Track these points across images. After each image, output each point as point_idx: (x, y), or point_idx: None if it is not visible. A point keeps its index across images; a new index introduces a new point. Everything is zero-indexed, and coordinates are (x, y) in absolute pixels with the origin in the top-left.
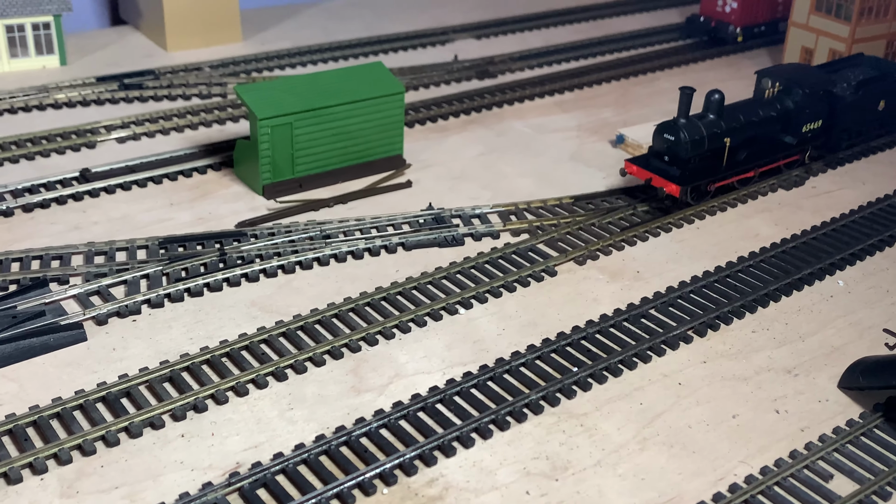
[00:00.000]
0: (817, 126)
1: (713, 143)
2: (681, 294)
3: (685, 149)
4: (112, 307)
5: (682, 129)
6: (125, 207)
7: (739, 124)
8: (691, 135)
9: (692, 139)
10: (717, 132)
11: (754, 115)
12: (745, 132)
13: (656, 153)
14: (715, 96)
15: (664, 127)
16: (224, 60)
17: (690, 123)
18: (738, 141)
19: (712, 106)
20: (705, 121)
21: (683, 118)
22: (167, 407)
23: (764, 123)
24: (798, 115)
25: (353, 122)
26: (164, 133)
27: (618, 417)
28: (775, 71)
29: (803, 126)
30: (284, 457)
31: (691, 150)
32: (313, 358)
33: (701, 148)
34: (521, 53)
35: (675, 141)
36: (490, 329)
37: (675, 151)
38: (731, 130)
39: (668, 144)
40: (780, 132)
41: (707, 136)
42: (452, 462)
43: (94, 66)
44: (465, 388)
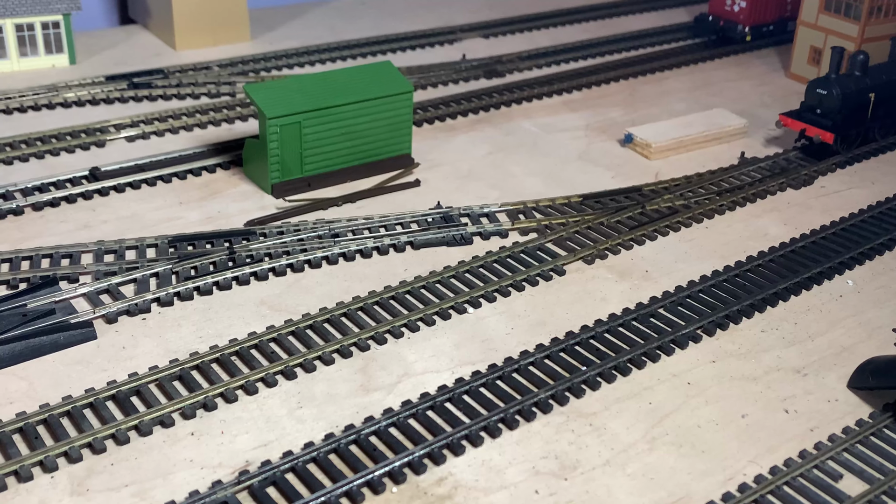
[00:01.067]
0: None
1: (860, 97)
2: (689, 293)
3: (836, 101)
4: (122, 305)
5: (833, 83)
6: (135, 206)
7: (881, 82)
8: (842, 88)
9: (843, 92)
10: (864, 87)
11: (892, 76)
12: (887, 90)
13: (809, 107)
14: (860, 56)
15: (817, 83)
16: (233, 59)
17: (840, 79)
18: (882, 96)
19: (858, 65)
20: (853, 77)
21: (834, 74)
22: (177, 405)
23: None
24: None
25: (362, 122)
26: (173, 132)
27: (627, 417)
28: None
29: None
30: (294, 455)
31: (843, 103)
32: (322, 357)
33: (850, 101)
34: (528, 53)
35: (828, 94)
36: (499, 328)
37: (826, 104)
38: (875, 86)
39: (821, 98)
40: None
41: (855, 90)
42: (461, 461)
43: (103, 65)
44: (474, 387)
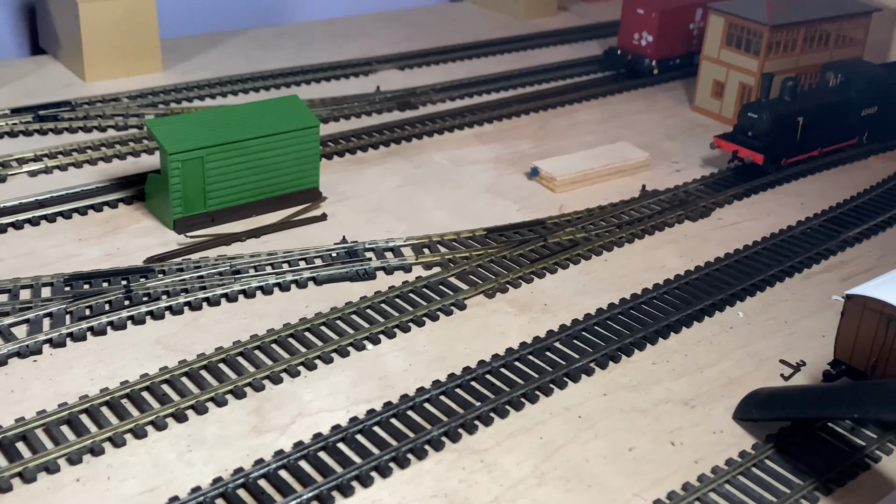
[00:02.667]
0: (873, 112)
1: (789, 120)
2: (585, 326)
3: (766, 124)
4: (12, 347)
5: (764, 108)
6: (32, 243)
7: (810, 106)
8: (772, 112)
9: (773, 117)
10: (792, 111)
11: (823, 100)
12: (814, 113)
13: (741, 129)
14: (789, 83)
15: (749, 107)
16: (143, 91)
17: (771, 103)
18: (809, 120)
19: (787, 90)
20: (783, 102)
21: (765, 99)
22: (63, 451)
23: (830, 107)
24: (857, 101)
25: (268, 156)
26: (77, 166)
27: (518, 452)
28: (838, 65)
29: (862, 111)
30: (180, 500)
31: (771, 126)
32: (215, 398)
33: (779, 124)
34: (443, 85)
35: (758, 118)
36: (397, 364)
37: (757, 127)
38: (803, 111)
39: (752, 121)
40: (843, 115)
41: (784, 114)
42: (350, 502)
43: (10, 96)
44: (368, 426)
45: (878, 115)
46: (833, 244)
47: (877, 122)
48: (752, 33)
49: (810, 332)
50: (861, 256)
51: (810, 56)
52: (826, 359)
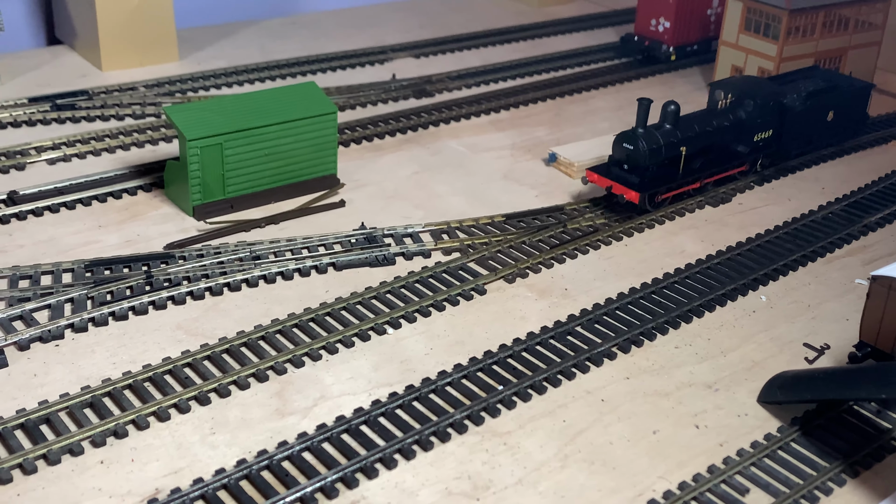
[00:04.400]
0: (768, 135)
1: (670, 151)
2: (606, 311)
3: (643, 157)
4: (34, 332)
5: (640, 138)
6: (52, 230)
7: (694, 133)
8: (649, 144)
9: (650, 148)
10: (674, 141)
11: (708, 125)
12: (699, 141)
13: (616, 162)
14: (671, 107)
15: (623, 137)
16: (159, 80)
17: (648, 133)
18: (694, 150)
19: (668, 116)
20: (662, 130)
21: (641, 128)
22: (87, 433)
23: (717, 133)
24: (750, 124)
25: (286, 143)
26: (95, 154)
27: (540, 435)
28: (727, 83)
29: (755, 135)
30: (204, 482)
31: (649, 159)
32: (237, 381)
33: (658, 156)
34: (458, 73)
35: (634, 150)
36: (418, 349)
37: (634, 160)
38: (686, 139)
39: (628, 153)
40: (732, 141)
41: (664, 144)
42: (374, 484)
43: (27, 86)
44: (391, 409)
45: (773, 138)
46: (854, 228)
47: (772, 146)
48: (771, 18)
49: (833, 316)
50: (882, 240)
51: (830, 41)
52: (850, 342)
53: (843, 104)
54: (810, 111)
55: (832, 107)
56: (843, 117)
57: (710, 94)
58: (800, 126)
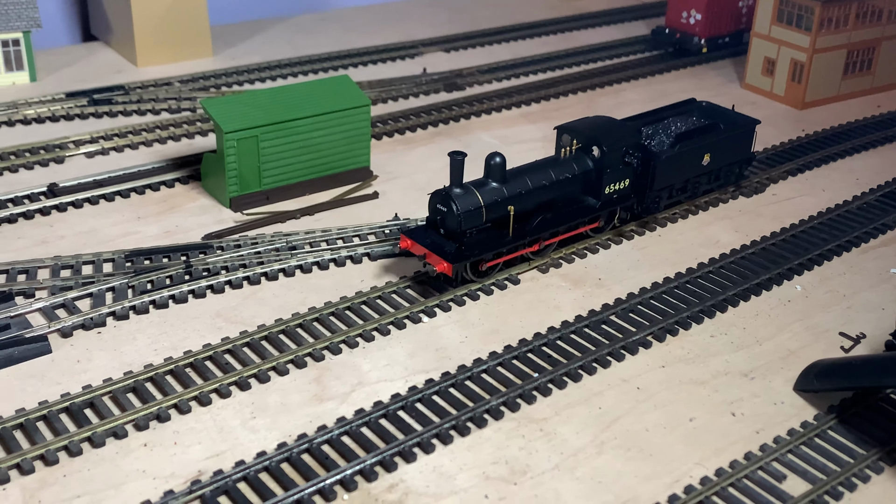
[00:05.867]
0: (624, 186)
1: (494, 212)
2: (641, 300)
3: (457, 221)
4: (77, 320)
5: (454, 199)
6: (92, 221)
7: (526, 189)
8: (464, 205)
9: (465, 210)
10: (498, 200)
11: (545, 178)
12: (533, 198)
13: (432, 224)
14: (496, 160)
15: (436, 196)
16: (194, 75)
17: (465, 192)
18: (527, 208)
19: (493, 171)
20: (485, 188)
21: (457, 187)
22: (130, 417)
23: (558, 186)
24: (598, 175)
25: (320, 135)
26: (132, 147)
27: (576, 422)
28: (574, 126)
29: (605, 187)
30: (246, 464)
31: (466, 223)
32: (276, 367)
33: (477, 220)
34: (488, 66)
35: (448, 213)
36: (453, 337)
37: (448, 224)
38: (515, 197)
39: (441, 216)
40: (581, 194)
41: (485, 205)
42: (412, 468)
43: (64, 82)
44: (427, 395)
45: (630, 189)
46: (889, 219)
47: (629, 198)
48: (804, 9)
49: (868, 305)
50: None
51: (863, 31)
52: (886, 331)
53: (723, 145)
54: (680, 156)
55: (709, 149)
56: (722, 159)
57: (557, 140)
58: (668, 173)
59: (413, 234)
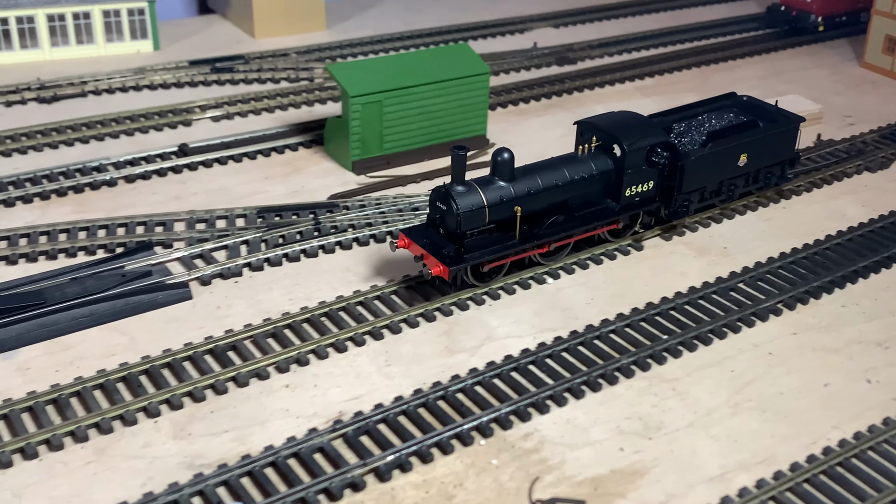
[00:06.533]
0: (647, 188)
1: (499, 212)
2: (769, 269)
3: (457, 222)
4: (215, 269)
5: (454, 197)
6: (222, 180)
7: (536, 189)
8: (465, 205)
9: (467, 211)
10: (504, 200)
11: (558, 178)
12: (545, 198)
13: (432, 223)
14: (504, 156)
15: (437, 193)
16: (310, 47)
17: (468, 191)
18: (537, 208)
19: (500, 168)
20: (490, 186)
21: (459, 184)
22: (272, 360)
23: (573, 186)
24: (618, 175)
25: (440, 102)
26: (255, 113)
27: (708, 383)
28: (595, 122)
29: (626, 189)
30: (385, 407)
31: (466, 224)
32: (407, 320)
33: (479, 220)
34: (599, 41)
35: (448, 212)
36: (578, 298)
37: (447, 224)
38: (523, 197)
39: (441, 215)
40: (599, 196)
41: (489, 205)
42: (546, 419)
43: (185, 51)
44: (557, 352)
45: (655, 192)
46: None
47: (654, 200)
48: None
49: None
50: None
51: None
52: None
53: (762, 144)
54: (712, 156)
55: (745, 148)
56: (761, 160)
57: (577, 136)
58: (698, 175)
59: (412, 232)
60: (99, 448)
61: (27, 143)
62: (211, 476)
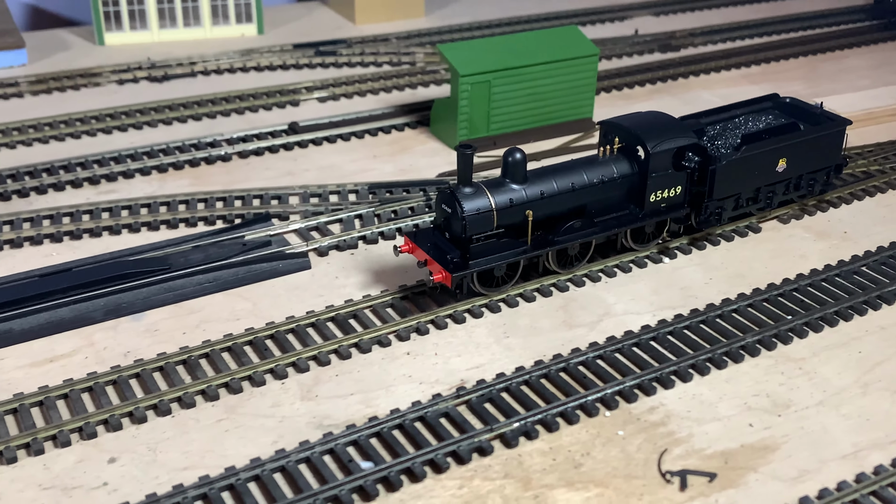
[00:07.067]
0: (674, 194)
1: (509, 217)
2: (892, 254)
3: (462, 226)
4: (332, 241)
5: (460, 199)
6: (332, 158)
7: (551, 192)
8: (471, 208)
9: (472, 213)
10: (514, 203)
11: (576, 181)
12: (560, 202)
13: (438, 227)
14: (514, 156)
15: (443, 195)
16: (409, 33)
17: (474, 192)
18: (552, 213)
19: (511, 169)
20: (499, 189)
21: (466, 185)
22: (392, 328)
23: (592, 190)
24: (642, 179)
25: (548, 83)
26: (360, 95)
27: (836, 363)
28: (618, 122)
29: (650, 194)
30: (507, 376)
31: (471, 228)
32: (524, 294)
33: (487, 225)
34: (701, 29)
35: (453, 214)
36: (696, 278)
37: (452, 228)
38: (536, 200)
39: (446, 217)
40: (621, 201)
41: (497, 208)
42: (671, 394)
43: (288, 35)
44: (679, 329)
45: (683, 198)
46: None
47: (680, 207)
48: None
49: None
50: None
51: None
52: None
53: (803, 148)
54: (746, 161)
55: (784, 153)
56: (802, 166)
57: (600, 137)
58: (731, 180)
59: (417, 236)
60: (229, 406)
61: (141, 119)
62: (340, 436)
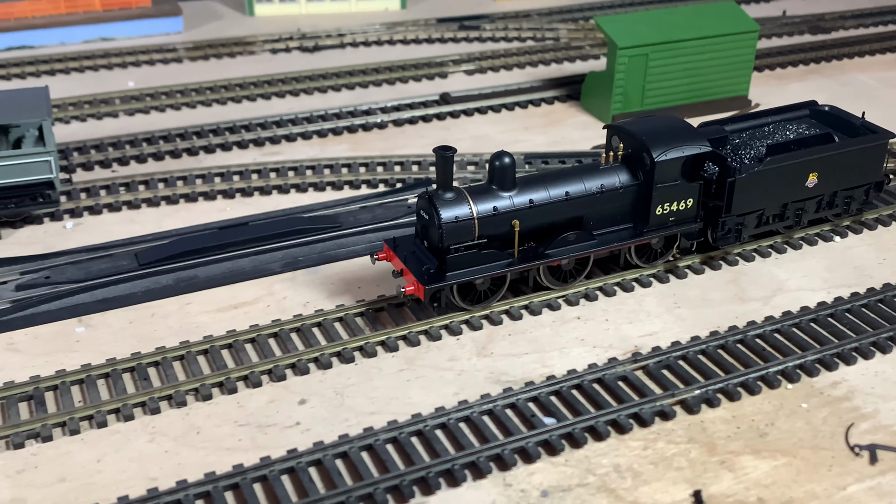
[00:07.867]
0: (685, 207)
1: (493, 226)
2: None
3: (440, 234)
4: None
5: (437, 206)
6: (484, 128)
7: (541, 200)
8: (449, 216)
9: (449, 221)
10: (499, 211)
11: (572, 189)
12: (552, 212)
13: (418, 234)
14: (503, 160)
15: (422, 200)
16: (551, 9)
17: (455, 198)
18: (541, 223)
19: (497, 174)
20: (483, 195)
21: (447, 190)
22: (562, 293)
23: (590, 200)
24: (645, 191)
25: (705, 58)
26: (507, 69)
27: None
28: (625, 127)
29: (656, 207)
30: (682, 345)
31: (450, 238)
32: (692, 266)
33: (467, 235)
34: (852, 13)
35: (430, 222)
36: (869, 257)
37: (430, 236)
38: (524, 209)
39: (424, 225)
40: (625, 212)
41: (479, 217)
42: (852, 370)
43: (430, 10)
44: (857, 306)
45: (695, 211)
46: None
47: (692, 221)
48: None
49: None
50: None
51: None
52: None
53: (837, 162)
54: (771, 174)
55: (815, 166)
56: (836, 181)
57: (606, 142)
58: (752, 195)
59: (397, 243)
60: (408, 358)
61: (297, 87)
62: (520, 391)
